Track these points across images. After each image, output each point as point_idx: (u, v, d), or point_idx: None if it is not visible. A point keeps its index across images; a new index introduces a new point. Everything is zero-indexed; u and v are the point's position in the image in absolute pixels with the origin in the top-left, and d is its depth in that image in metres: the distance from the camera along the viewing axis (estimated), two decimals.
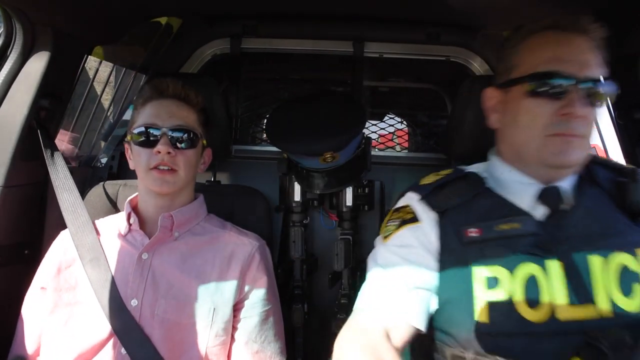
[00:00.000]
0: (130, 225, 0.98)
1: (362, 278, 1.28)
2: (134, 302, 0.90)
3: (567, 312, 0.69)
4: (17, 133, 1.04)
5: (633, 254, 0.72)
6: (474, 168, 0.88)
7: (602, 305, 0.69)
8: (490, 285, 0.71)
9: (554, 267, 0.71)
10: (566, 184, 0.79)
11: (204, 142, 1.03)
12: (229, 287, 0.94)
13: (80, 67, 1.22)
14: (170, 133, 0.94)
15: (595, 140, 1.55)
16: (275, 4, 1.35)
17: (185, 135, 0.96)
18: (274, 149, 1.46)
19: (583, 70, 0.73)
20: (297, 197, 1.29)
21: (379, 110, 2.18)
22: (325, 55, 1.57)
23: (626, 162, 1.26)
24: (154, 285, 0.92)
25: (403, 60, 1.58)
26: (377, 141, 1.92)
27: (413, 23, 1.46)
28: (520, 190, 0.79)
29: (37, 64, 1.05)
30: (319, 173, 1.21)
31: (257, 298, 0.97)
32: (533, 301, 0.70)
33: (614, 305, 0.69)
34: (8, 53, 1.04)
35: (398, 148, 1.99)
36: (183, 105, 0.98)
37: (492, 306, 0.71)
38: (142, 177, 0.96)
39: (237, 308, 0.96)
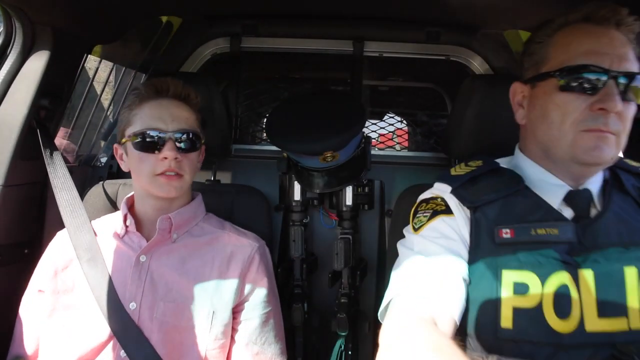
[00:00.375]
0: (126, 227, 0.96)
1: (362, 277, 1.30)
2: (132, 305, 0.89)
3: (597, 324, 0.66)
4: (16, 132, 1.04)
5: None
6: (503, 162, 0.85)
7: (633, 318, 0.66)
8: (519, 290, 0.69)
9: (588, 277, 0.68)
10: (594, 187, 0.77)
11: (203, 142, 1.02)
12: (228, 290, 0.93)
13: (80, 67, 1.22)
14: (175, 137, 0.91)
15: None
16: (275, 4, 1.35)
17: (190, 138, 0.93)
18: (274, 148, 1.46)
19: (619, 63, 0.70)
20: (297, 196, 1.29)
21: (379, 110, 2.18)
22: (325, 54, 1.57)
23: None
24: (152, 288, 0.91)
25: (403, 59, 1.58)
26: (377, 140, 1.92)
27: (413, 22, 1.46)
28: (549, 190, 0.76)
29: (37, 63, 1.05)
30: (318, 172, 1.21)
31: (257, 300, 0.96)
32: (562, 311, 0.67)
33: None
34: (8, 52, 1.04)
35: (398, 147, 1.99)
36: (183, 106, 0.95)
37: (518, 312, 0.68)
38: (146, 182, 0.92)
39: (237, 310, 0.95)
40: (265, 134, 1.75)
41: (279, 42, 1.54)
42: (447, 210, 0.78)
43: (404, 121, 2.21)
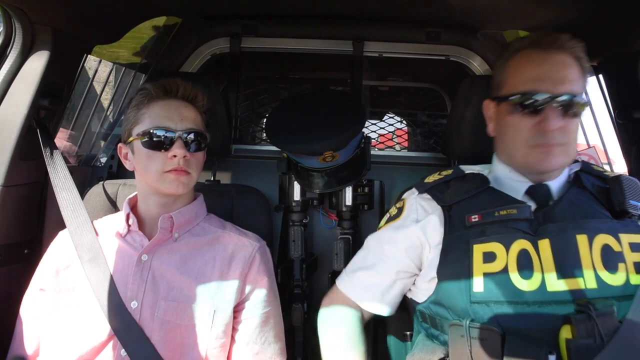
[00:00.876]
0: (129, 226, 0.97)
1: None
2: (133, 304, 0.89)
3: (557, 284, 0.76)
4: (16, 132, 1.04)
5: (616, 237, 0.80)
6: (476, 169, 0.98)
7: (588, 278, 0.77)
8: (487, 259, 0.80)
9: (544, 244, 0.79)
10: (554, 184, 0.89)
11: (208, 141, 1.03)
12: (229, 289, 0.94)
13: (80, 67, 1.22)
14: (185, 136, 0.93)
15: (594, 139, 1.55)
16: (275, 4, 1.35)
17: (198, 138, 0.96)
18: (274, 148, 1.46)
19: (558, 86, 0.83)
20: (297, 196, 1.29)
21: (379, 110, 2.18)
22: (325, 54, 1.57)
23: (625, 161, 1.26)
24: (153, 287, 0.91)
25: (403, 59, 1.58)
26: (376, 141, 1.92)
27: (413, 22, 1.46)
28: (513, 186, 0.90)
29: (37, 63, 1.05)
30: (318, 172, 1.21)
31: (257, 299, 0.97)
32: (525, 273, 0.78)
33: (599, 279, 0.77)
34: (7, 52, 1.04)
35: (398, 147, 1.99)
36: (191, 107, 0.97)
37: (488, 277, 0.79)
38: (154, 179, 0.93)
39: (237, 309, 0.95)
40: (265, 134, 1.75)
41: (279, 42, 1.54)
42: (397, 215, 0.97)
43: (404, 121, 2.21)
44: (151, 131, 0.92)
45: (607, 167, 1.42)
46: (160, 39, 1.51)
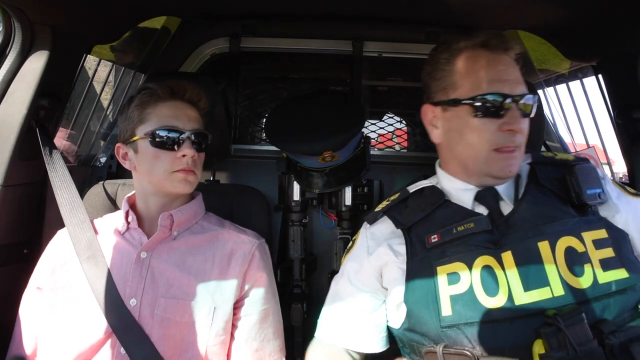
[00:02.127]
0: (128, 223, 0.98)
1: None
2: (132, 302, 0.90)
3: (524, 297, 0.73)
4: (16, 132, 1.04)
5: (579, 237, 0.77)
6: (425, 183, 0.96)
7: (555, 286, 0.73)
8: (452, 281, 0.78)
9: (507, 257, 0.76)
10: (502, 185, 0.87)
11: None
12: (229, 286, 0.94)
13: (79, 67, 1.22)
14: (192, 137, 0.95)
15: (594, 139, 1.56)
16: (275, 4, 1.35)
17: (204, 140, 0.98)
18: (273, 148, 1.46)
19: (516, 87, 0.82)
20: (296, 196, 1.29)
21: (379, 110, 2.18)
22: (325, 54, 1.57)
23: (625, 161, 1.26)
24: (153, 285, 0.92)
25: (402, 59, 1.58)
26: (376, 140, 1.92)
27: (412, 22, 1.46)
28: (461, 196, 0.88)
29: (36, 63, 1.05)
30: (318, 172, 1.21)
31: (257, 296, 0.97)
32: (490, 289, 0.75)
33: (566, 284, 0.73)
34: (7, 52, 1.04)
35: (397, 147, 1.99)
36: (194, 108, 0.99)
37: (454, 299, 0.76)
38: (162, 179, 0.94)
39: (236, 306, 0.96)
40: (264, 134, 1.75)
41: (279, 42, 1.55)
42: (351, 246, 0.97)
43: (404, 121, 2.21)
44: (159, 131, 0.92)
45: (606, 167, 1.42)
46: (160, 39, 1.51)
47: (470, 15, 1.32)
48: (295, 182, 1.28)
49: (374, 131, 1.94)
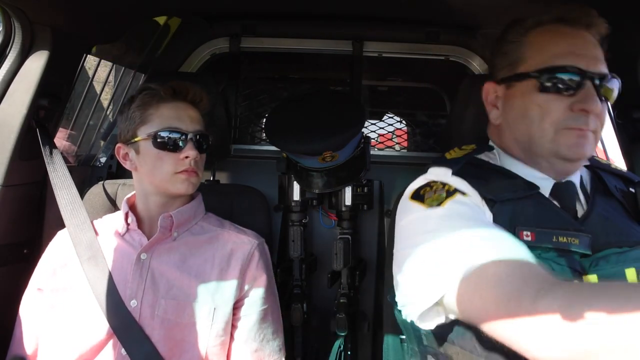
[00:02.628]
0: (128, 225, 0.98)
1: (361, 278, 1.29)
2: (133, 303, 0.90)
3: None
4: (16, 132, 1.04)
5: None
6: (493, 160, 0.82)
7: None
8: None
9: (593, 281, 0.66)
10: (576, 180, 0.77)
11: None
12: (229, 286, 0.94)
13: (79, 67, 1.22)
14: (195, 138, 0.95)
15: None
16: (275, 4, 1.35)
17: (206, 141, 0.98)
18: (273, 148, 1.46)
19: (595, 65, 0.71)
20: (296, 196, 1.29)
21: (378, 110, 2.18)
22: (325, 54, 1.57)
23: (625, 161, 1.26)
24: (153, 286, 0.92)
25: (402, 59, 1.58)
26: (376, 140, 1.92)
27: (412, 22, 1.46)
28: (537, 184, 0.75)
29: (36, 63, 1.05)
30: (318, 172, 1.21)
31: (256, 296, 0.97)
32: None
33: None
34: (7, 52, 1.04)
35: (397, 147, 1.99)
36: (195, 109, 0.99)
37: None
38: (164, 180, 0.94)
39: (236, 306, 0.96)
40: (264, 134, 1.75)
41: (279, 42, 1.54)
42: (460, 191, 0.72)
43: (404, 121, 2.21)
44: (162, 132, 0.93)
45: None
46: (160, 39, 1.51)
47: (470, 15, 1.32)
48: (295, 182, 1.28)
49: (374, 131, 1.95)
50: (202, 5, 1.36)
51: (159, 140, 0.92)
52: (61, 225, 0.99)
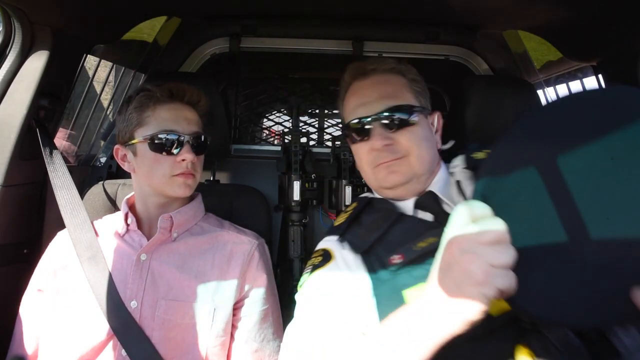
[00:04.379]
0: (127, 225, 0.98)
1: None
2: (133, 304, 0.90)
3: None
4: (16, 132, 1.04)
5: None
6: (370, 194, 0.94)
7: None
8: None
9: None
10: (436, 187, 0.85)
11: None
12: (229, 287, 0.94)
13: (79, 67, 1.21)
14: (191, 140, 0.94)
15: None
16: (275, 4, 1.35)
17: (202, 141, 0.98)
18: (273, 148, 1.46)
19: (381, 104, 0.84)
20: (296, 196, 1.29)
21: None
22: (325, 54, 1.57)
23: None
24: (153, 287, 0.91)
25: (402, 59, 1.58)
26: None
27: (412, 22, 1.46)
28: (403, 208, 0.85)
29: (36, 63, 1.05)
30: None
31: (256, 297, 0.97)
32: None
33: None
34: (7, 52, 1.04)
35: None
36: (193, 110, 0.99)
37: None
38: (162, 182, 0.94)
39: (236, 307, 0.96)
40: (264, 135, 1.74)
41: (279, 42, 1.54)
42: (325, 260, 0.83)
43: None
44: (159, 135, 0.92)
45: None
46: (160, 39, 1.51)
47: (470, 15, 1.32)
48: (295, 182, 1.28)
49: None
50: (202, 5, 1.36)
51: (156, 142, 0.92)
52: (61, 225, 0.99)
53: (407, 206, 0.85)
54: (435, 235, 0.72)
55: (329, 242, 0.88)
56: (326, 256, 0.84)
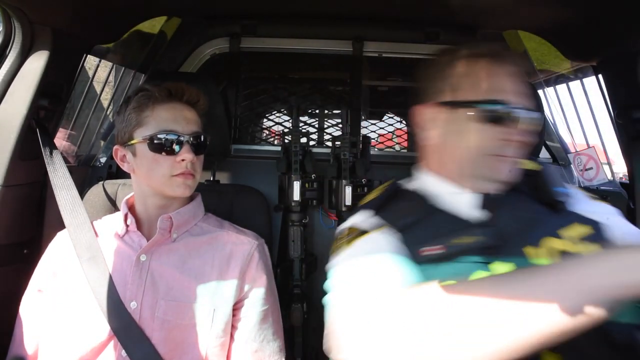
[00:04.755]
0: (127, 226, 0.97)
1: None
2: (133, 305, 0.89)
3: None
4: (16, 132, 1.04)
5: (557, 236, 0.75)
6: (411, 185, 0.90)
7: None
8: None
9: (500, 268, 0.71)
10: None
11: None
12: (229, 287, 0.94)
13: (79, 67, 1.22)
14: (191, 140, 0.94)
15: (594, 139, 1.56)
16: (275, 4, 1.35)
17: (202, 142, 0.97)
18: (273, 148, 1.46)
19: (519, 99, 0.80)
20: (296, 196, 1.29)
21: (378, 110, 2.18)
22: (325, 54, 1.57)
23: (625, 161, 1.26)
24: (153, 287, 0.91)
25: (402, 59, 1.58)
26: (376, 140, 1.92)
27: (412, 22, 1.46)
28: (458, 200, 0.82)
29: (36, 63, 1.05)
30: None
31: (256, 297, 0.97)
32: None
33: None
34: (7, 52, 1.04)
35: (397, 147, 1.99)
36: (192, 110, 0.98)
37: None
38: (161, 183, 0.93)
39: (236, 307, 0.96)
40: (264, 135, 1.74)
41: (279, 42, 1.55)
42: (363, 232, 0.80)
43: (404, 121, 2.21)
44: (158, 135, 0.91)
45: (606, 167, 1.42)
46: (160, 39, 1.51)
47: (470, 15, 1.32)
48: (295, 182, 1.28)
49: (374, 131, 1.95)
50: (202, 5, 1.36)
51: (155, 142, 0.91)
52: (61, 225, 0.99)
53: (464, 201, 0.81)
54: (472, 235, 0.73)
55: (360, 218, 0.84)
56: (361, 231, 0.81)
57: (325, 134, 2.12)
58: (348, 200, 1.28)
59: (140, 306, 0.90)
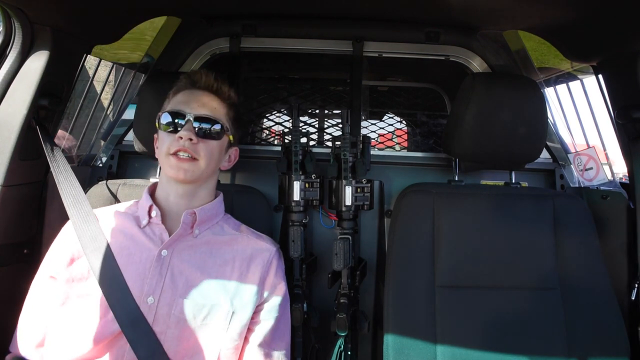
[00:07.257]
0: (150, 217, 0.97)
1: (362, 278, 1.29)
2: (150, 300, 0.89)
3: None
4: (16, 132, 1.04)
5: None
6: None
7: None
8: None
9: None
10: None
11: (231, 137, 1.03)
12: (248, 292, 0.94)
13: (79, 66, 1.22)
14: (195, 121, 0.95)
15: (594, 139, 1.56)
16: (275, 4, 1.35)
17: (211, 125, 0.97)
18: (273, 148, 1.46)
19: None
20: (297, 196, 1.29)
21: (378, 110, 2.18)
22: (325, 54, 1.57)
23: (625, 161, 1.26)
24: (172, 284, 0.91)
25: (402, 59, 1.58)
26: (376, 140, 1.92)
27: (412, 23, 1.46)
28: None
29: (37, 63, 1.05)
30: None
31: (274, 303, 0.98)
32: None
33: None
34: (7, 52, 1.04)
35: (397, 147, 1.99)
36: (214, 98, 1.00)
37: None
38: (161, 161, 0.97)
39: (255, 311, 0.96)
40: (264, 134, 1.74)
41: (279, 42, 1.54)
42: None
43: (404, 121, 2.22)
44: (166, 115, 0.96)
45: (606, 168, 1.42)
46: (160, 39, 1.51)
47: (471, 15, 1.32)
48: (295, 182, 1.28)
49: (374, 131, 1.95)
50: (202, 5, 1.36)
51: (161, 120, 0.96)
52: (62, 225, 0.99)
53: None
54: None
55: None
56: None
57: (325, 134, 2.12)
58: (348, 200, 1.28)
59: (157, 302, 0.89)
